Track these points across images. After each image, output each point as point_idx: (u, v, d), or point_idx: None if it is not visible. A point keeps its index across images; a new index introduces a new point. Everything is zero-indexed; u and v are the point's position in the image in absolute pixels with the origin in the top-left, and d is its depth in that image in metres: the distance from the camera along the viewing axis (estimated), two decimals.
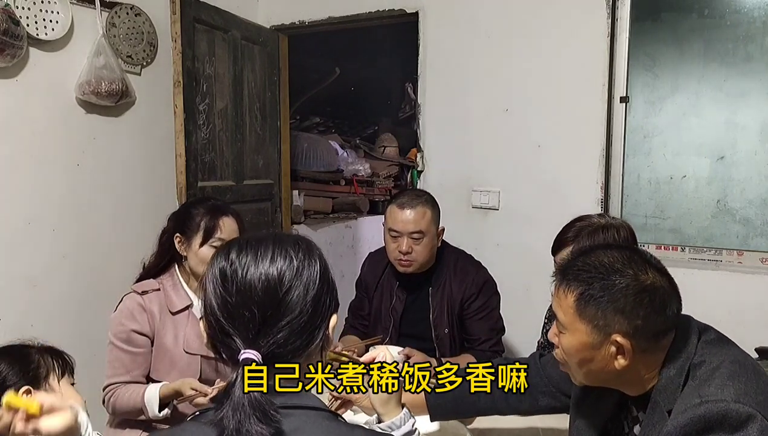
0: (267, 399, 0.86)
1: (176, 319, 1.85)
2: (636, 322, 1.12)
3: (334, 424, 0.93)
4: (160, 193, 2.96)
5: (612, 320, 1.12)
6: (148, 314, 1.82)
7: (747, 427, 1.03)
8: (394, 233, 2.17)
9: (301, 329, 0.92)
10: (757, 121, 2.57)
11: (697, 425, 1.05)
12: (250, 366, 0.88)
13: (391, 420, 1.17)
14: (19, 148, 2.44)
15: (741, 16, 2.57)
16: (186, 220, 1.87)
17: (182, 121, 2.82)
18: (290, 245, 0.96)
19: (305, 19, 3.45)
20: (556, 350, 1.25)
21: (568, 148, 2.82)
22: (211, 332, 0.95)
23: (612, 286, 1.12)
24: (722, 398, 1.06)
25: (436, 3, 3.09)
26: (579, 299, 1.15)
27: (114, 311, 1.86)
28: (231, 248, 0.97)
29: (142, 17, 2.84)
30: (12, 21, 2.24)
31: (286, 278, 0.92)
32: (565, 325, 1.18)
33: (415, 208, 2.14)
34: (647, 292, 1.12)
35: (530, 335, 2.31)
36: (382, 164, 4.81)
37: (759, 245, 2.60)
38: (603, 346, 1.14)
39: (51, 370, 1.28)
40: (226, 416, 0.85)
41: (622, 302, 1.12)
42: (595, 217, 1.84)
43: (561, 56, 2.81)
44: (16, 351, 1.28)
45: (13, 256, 2.43)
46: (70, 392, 1.29)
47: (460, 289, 2.23)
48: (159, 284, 1.88)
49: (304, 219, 3.99)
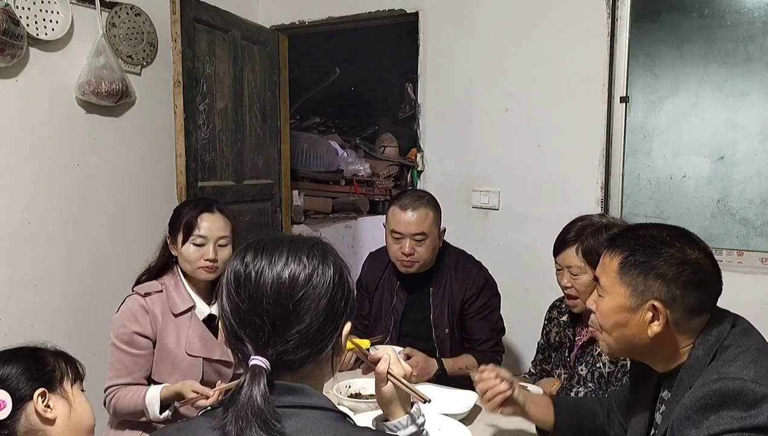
0: (269, 407, 0.86)
1: (179, 321, 1.84)
2: (675, 291, 1.15)
3: (341, 424, 0.93)
4: (160, 193, 2.96)
5: (652, 285, 1.16)
6: (151, 316, 1.82)
7: (761, 406, 1.05)
8: (397, 235, 2.16)
9: (312, 338, 0.92)
10: (757, 121, 2.57)
11: (712, 399, 1.07)
12: (258, 373, 0.88)
13: (398, 420, 1.16)
14: (19, 148, 2.44)
15: (741, 16, 2.57)
16: (174, 219, 1.88)
17: (182, 121, 2.82)
18: (305, 251, 0.95)
19: (305, 19, 3.44)
20: (593, 315, 1.29)
21: (568, 148, 2.82)
22: (226, 334, 0.96)
23: (657, 254, 1.17)
24: (740, 376, 1.08)
25: (436, 3, 3.09)
26: (623, 263, 1.19)
27: (116, 312, 1.86)
28: (248, 249, 0.96)
29: (142, 17, 2.84)
30: (12, 21, 2.24)
31: (297, 286, 0.92)
32: (606, 288, 1.22)
33: (418, 209, 2.14)
34: (690, 265, 1.16)
35: (530, 336, 2.31)
36: (382, 164, 4.82)
37: (759, 245, 2.59)
38: (639, 310, 1.18)
39: (65, 374, 1.26)
40: (229, 421, 0.86)
41: (665, 268, 1.15)
42: (596, 217, 1.84)
43: (561, 56, 2.81)
44: (30, 353, 1.25)
45: (13, 256, 2.43)
46: (81, 399, 1.28)
47: (461, 289, 2.23)
48: (161, 285, 1.87)
49: (304, 219, 3.99)
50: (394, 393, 1.17)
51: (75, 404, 1.25)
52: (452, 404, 1.77)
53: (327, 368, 0.98)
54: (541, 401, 1.54)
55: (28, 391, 1.19)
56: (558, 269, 1.87)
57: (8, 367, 1.21)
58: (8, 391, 1.17)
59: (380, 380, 1.17)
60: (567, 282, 1.82)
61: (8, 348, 1.27)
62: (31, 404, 1.18)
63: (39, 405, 1.18)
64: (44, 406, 1.18)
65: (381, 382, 1.17)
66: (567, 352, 1.95)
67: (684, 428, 1.10)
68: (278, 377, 0.91)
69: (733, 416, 1.05)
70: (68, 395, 1.25)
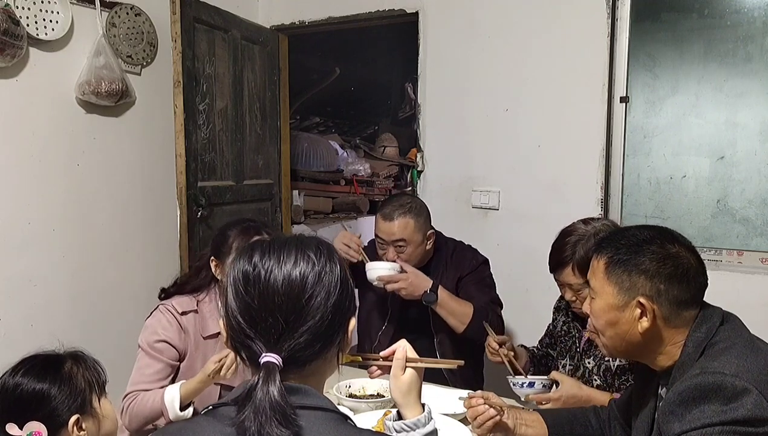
0: (287, 402, 0.87)
1: (206, 344, 1.83)
2: (659, 285, 1.19)
3: (342, 426, 0.93)
4: (160, 193, 2.97)
5: (637, 282, 1.21)
6: (185, 334, 1.80)
7: (741, 399, 1.08)
8: (380, 241, 2.24)
9: (322, 334, 0.93)
10: (756, 121, 2.57)
11: (693, 393, 1.11)
12: (272, 370, 0.89)
13: (416, 418, 1.13)
14: (19, 148, 2.44)
15: (741, 16, 2.57)
16: (221, 242, 1.83)
17: (182, 121, 2.82)
18: (312, 250, 0.96)
19: (305, 19, 3.44)
20: (590, 319, 1.33)
21: (568, 148, 2.82)
22: (231, 334, 0.95)
23: (639, 251, 1.22)
24: (720, 371, 1.11)
25: (436, 3, 3.09)
26: (608, 263, 1.25)
27: (147, 318, 1.83)
28: (254, 250, 0.96)
29: (142, 17, 2.84)
30: (12, 21, 2.24)
31: (308, 283, 0.93)
32: (596, 290, 1.28)
33: (397, 219, 2.18)
34: (671, 259, 1.20)
35: (530, 335, 2.31)
36: (382, 164, 4.82)
37: (759, 245, 2.60)
38: (628, 308, 1.22)
39: (93, 390, 1.24)
40: (248, 417, 0.86)
41: (647, 264, 1.20)
42: (579, 224, 1.83)
43: (561, 56, 2.81)
44: (56, 367, 1.22)
45: (13, 255, 2.43)
46: (107, 409, 1.27)
47: (456, 271, 2.27)
48: (196, 305, 1.84)
49: (304, 219, 4.00)
50: (413, 383, 1.16)
51: (102, 418, 1.25)
52: (452, 404, 1.77)
53: (332, 364, 0.99)
54: (531, 418, 1.55)
55: (63, 419, 1.18)
56: (559, 284, 1.87)
57: (42, 384, 1.19)
58: (44, 419, 1.16)
59: (399, 367, 1.15)
60: (571, 296, 1.83)
61: (30, 355, 1.25)
62: (66, 432, 1.18)
63: (74, 433, 1.18)
64: (78, 432, 1.19)
65: (399, 370, 1.15)
66: (577, 342, 1.95)
67: (668, 421, 1.14)
68: (285, 375, 0.91)
69: (714, 409, 1.09)
70: (97, 413, 1.25)
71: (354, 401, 1.81)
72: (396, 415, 1.17)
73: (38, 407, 1.17)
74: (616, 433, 1.53)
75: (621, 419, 1.51)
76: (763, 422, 1.07)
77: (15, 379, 1.20)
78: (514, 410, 1.54)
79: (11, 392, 1.18)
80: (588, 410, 1.60)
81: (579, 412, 1.61)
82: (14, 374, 1.21)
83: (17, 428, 1.14)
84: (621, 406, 1.52)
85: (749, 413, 1.07)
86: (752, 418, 1.07)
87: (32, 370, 1.21)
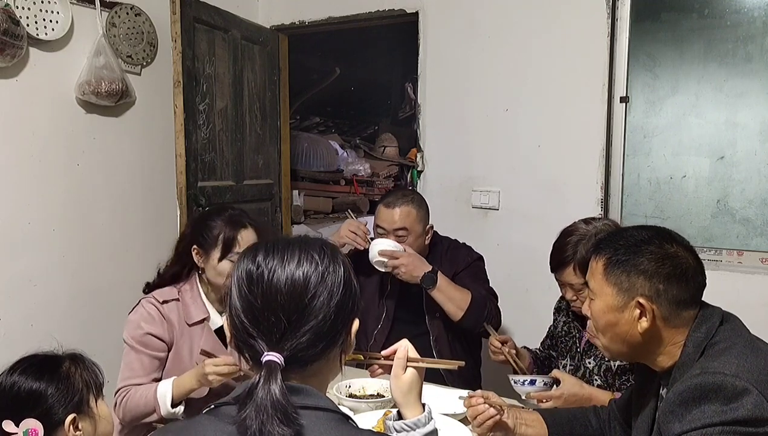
0: (288, 401, 0.87)
1: (192, 330, 1.83)
2: (657, 285, 1.19)
3: (342, 426, 0.93)
4: (160, 193, 2.97)
5: (635, 282, 1.21)
6: (168, 323, 1.81)
7: (741, 399, 1.08)
8: (381, 230, 2.24)
9: (324, 334, 0.93)
10: (756, 121, 2.57)
11: (694, 393, 1.11)
12: (274, 368, 0.89)
13: (417, 418, 1.14)
14: (19, 148, 2.44)
15: (741, 16, 2.57)
16: (204, 232, 1.82)
17: (182, 121, 2.82)
18: (316, 250, 0.97)
19: (305, 19, 3.44)
20: (589, 321, 1.33)
21: (568, 148, 2.82)
22: (235, 333, 0.96)
23: (638, 252, 1.22)
24: (721, 371, 1.11)
25: (436, 3, 3.09)
26: (607, 264, 1.25)
27: (130, 314, 1.84)
28: (258, 250, 0.97)
29: (142, 17, 2.84)
30: (12, 21, 2.24)
31: (311, 283, 0.93)
32: (595, 291, 1.27)
33: (400, 207, 2.21)
34: (669, 259, 1.20)
35: (530, 335, 2.31)
36: (382, 164, 4.82)
37: (759, 245, 2.59)
38: (627, 308, 1.22)
39: (90, 390, 1.25)
40: (249, 416, 0.86)
41: (646, 264, 1.20)
42: (581, 224, 1.83)
43: (561, 56, 2.80)
44: (54, 367, 1.23)
45: (13, 256, 2.43)
46: (103, 410, 1.27)
47: (450, 267, 2.28)
48: (178, 293, 1.85)
49: (304, 219, 4.00)
50: (414, 382, 1.16)
51: (98, 419, 1.25)
52: (452, 404, 1.77)
53: (335, 365, 0.99)
54: (531, 418, 1.55)
55: (59, 418, 1.18)
56: (560, 284, 1.88)
57: (38, 383, 1.19)
58: (40, 417, 1.16)
59: (400, 367, 1.16)
60: (572, 296, 1.83)
61: (27, 355, 1.25)
62: (62, 431, 1.18)
63: (70, 432, 1.18)
64: (74, 431, 1.19)
65: (400, 370, 1.16)
66: (577, 342, 1.95)
67: (668, 421, 1.13)
68: (287, 375, 0.92)
69: (714, 410, 1.08)
70: (93, 413, 1.25)
71: (354, 401, 1.81)
72: (396, 415, 1.17)
73: (35, 405, 1.17)
74: (616, 433, 1.53)
75: (621, 419, 1.51)
76: (764, 423, 1.07)
77: (12, 377, 1.20)
78: (514, 409, 1.54)
79: (8, 390, 1.19)
80: (588, 410, 1.60)
81: (579, 412, 1.61)
82: (12, 372, 1.21)
83: (14, 425, 1.14)
84: (621, 406, 1.52)
85: (749, 414, 1.07)
86: (752, 418, 1.07)
87: (30, 368, 1.21)
